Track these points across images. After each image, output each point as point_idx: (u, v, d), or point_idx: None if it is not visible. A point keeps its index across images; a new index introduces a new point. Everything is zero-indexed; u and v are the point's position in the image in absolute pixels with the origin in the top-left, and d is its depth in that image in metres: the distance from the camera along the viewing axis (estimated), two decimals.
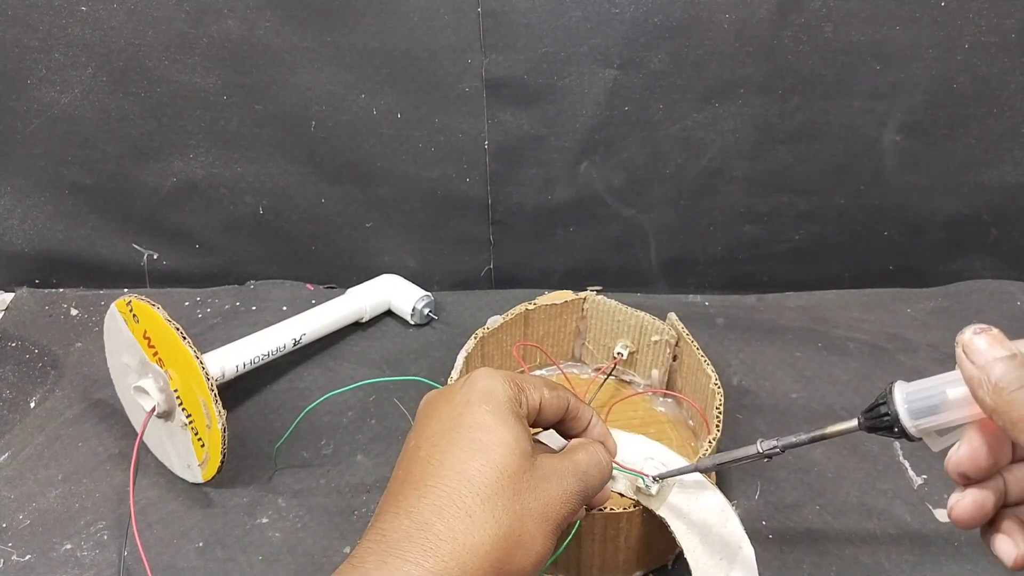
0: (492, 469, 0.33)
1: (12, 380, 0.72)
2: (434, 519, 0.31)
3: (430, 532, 0.31)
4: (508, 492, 0.32)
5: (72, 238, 0.82)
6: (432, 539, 0.31)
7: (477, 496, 0.32)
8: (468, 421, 0.35)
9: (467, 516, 0.31)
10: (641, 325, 0.67)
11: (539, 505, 0.33)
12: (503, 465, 0.33)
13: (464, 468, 0.33)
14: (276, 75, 0.73)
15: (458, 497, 0.32)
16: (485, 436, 0.34)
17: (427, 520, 0.31)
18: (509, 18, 0.69)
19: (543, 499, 0.33)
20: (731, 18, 0.69)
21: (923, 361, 0.73)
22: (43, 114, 0.75)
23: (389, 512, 0.32)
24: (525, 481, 0.33)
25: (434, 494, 0.32)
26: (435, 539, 0.31)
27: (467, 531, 0.31)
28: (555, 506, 0.33)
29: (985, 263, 0.85)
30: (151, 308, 0.57)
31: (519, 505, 0.32)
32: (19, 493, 0.60)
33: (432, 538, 0.31)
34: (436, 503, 0.32)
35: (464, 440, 0.34)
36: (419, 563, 0.30)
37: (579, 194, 0.79)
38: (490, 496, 0.32)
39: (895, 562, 0.56)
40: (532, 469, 0.34)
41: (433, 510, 0.32)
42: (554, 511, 0.33)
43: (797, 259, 0.84)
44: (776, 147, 0.77)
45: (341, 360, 0.74)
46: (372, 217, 0.82)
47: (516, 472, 0.33)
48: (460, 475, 0.32)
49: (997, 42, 0.71)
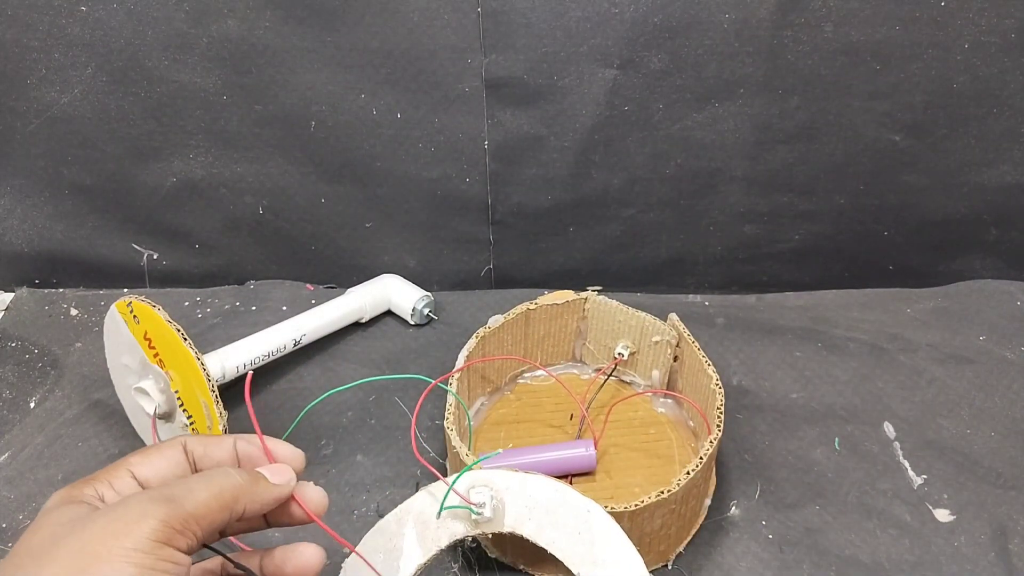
0: (10, 559, 0.30)
1: (12, 380, 0.72)
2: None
3: None
4: (30, 558, 0.29)
5: (72, 238, 0.82)
6: None
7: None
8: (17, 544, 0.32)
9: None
10: (642, 325, 0.67)
11: (75, 548, 0.29)
12: (24, 547, 0.30)
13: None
14: (276, 75, 0.73)
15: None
16: (23, 539, 0.31)
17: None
18: (509, 18, 0.69)
19: (82, 540, 0.29)
20: (731, 18, 0.69)
21: (923, 361, 0.73)
22: (43, 114, 0.75)
23: None
24: (56, 537, 0.30)
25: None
26: None
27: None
28: (103, 539, 0.29)
29: (985, 263, 0.85)
30: (152, 309, 0.57)
31: (46, 560, 0.29)
32: (19, 493, 0.60)
33: None
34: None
35: None
36: None
37: (579, 194, 0.79)
38: None
39: (895, 562, 0.56)
40: (70, 527, 0.30)
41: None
42: (103, 543, 0.29)
43: (797, 259, 0.84)
44: (776, 147, 0.77)
45: (341, 360, 0.74)
46: (372, 217, 0.82)
47: (42, 541, 0.30)
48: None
49: (997, 42, 0.71)
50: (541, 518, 0.45)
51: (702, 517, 0.59)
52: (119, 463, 0.35)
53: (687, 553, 0.57)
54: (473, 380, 0.67)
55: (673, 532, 0.55)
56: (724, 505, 0.60)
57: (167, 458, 0.36)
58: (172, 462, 0.36)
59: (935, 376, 0.72)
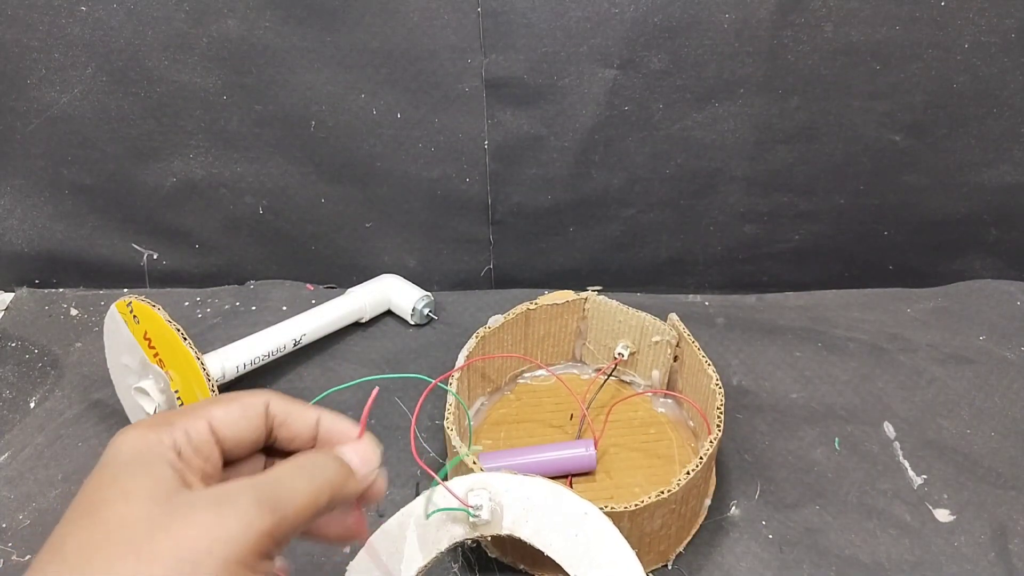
0: (100, 528, 0.27)
1: (12, 380, 0.72)
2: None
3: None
4: (128, 544, 0.27)
5: (72, 238, 0.82)
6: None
7: (78, 565, 0.26)
8: (85, 488, 0.29)
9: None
10: (642, 325, 0.67)
11: (176, 544, 0.27)
12: (114, 518, 0.27)
13: (64, 540, 0.27)
14: (276, 75, 0.73)
15: (59, 575, 0.27)
16: (96, 496, 0.28)
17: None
18: (509, 18, 0.69)
19: (184, 537, 0.27)
20: (731, 18, 0.69)
21: (923, 361, 0.73)
22: (43, 114, 0.75)
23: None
24: (156, 524, 0.27)
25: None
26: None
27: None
28: (206, 542, 0.27)
29: (985, 263, 0.85)
30: (151, 309, 0.57)
31: (147, 552, 0.26)
32: (19, 493, 0.60)
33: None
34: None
35: (74, 510, 0.28)
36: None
37: (579, 194, 0.79)
38: (94, 559, 0.26)
39: (895, 562, 0.56)
40: (170, 510, 0.28)
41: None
42: (205, 546, 0.27)
43: (797, 259, 0.84)
44: (776, 147, 0.77)
45: (341, 360, 0.74)
46: (372, 217, 0.82)
47: (138, 521, 0.27)
48: (63, 550, 0.27)
49: (997, 42, 0.71)
50: (538, 520, 0.45)
51: (702, 517, 0.59)
52: (198, 410, 0.32)
53: (687, 553, 0.57)
54: (473, 380, 0.67)
55: (673, 532, 0.55)
56: (724, 505, 0.60)
57: (248, 419, 0.33)
58: (251, 424, 0.33)
59: (935, 376, 0.72)
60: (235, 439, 0.32)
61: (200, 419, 0.31)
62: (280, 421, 0.34)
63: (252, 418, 0.33)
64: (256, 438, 0.33)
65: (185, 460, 0.30)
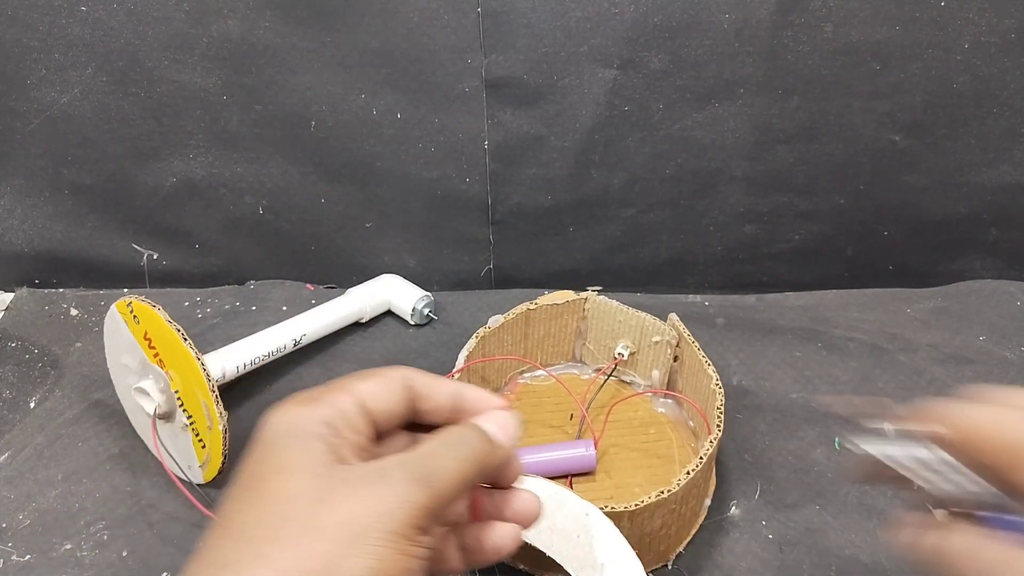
0: (265, 503, 0.28)
1: (12, 380, 0.72)
2: None
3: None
4: (292, 519, 0.28)
5: (72, 238, 0.82)
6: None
7: (249, 540, 0.28)
8: (245, 467, 0.30)
9: (258, 557, 0.27)
10: (642, 325, 0.67)
11: (339, 519, 0.28)
12: (278, 493, 0.29)
13: (233, 517, 0.29)
14: (276, 75, 0.73)
15: (235, 550, 0.28)
16: (255, 470, 0.30)
17: None
18: (509, 18, 0.69)
19: (346, 511, 0.28)
20: (731, 18, 0.69)
21: (923, 361, 0.73)
22: (43, 114, 0.75)
23: None
24: (317, 498, 0.28)
25: (216, 553, 0.28)
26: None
27: None
28: (367, 515, 0.28)
29: (985, 263, 0.85)
30: (152, 309, 0.57)
31: (312, 525, 0.28)
32: (19, 493, 0.60)
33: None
34: (220, 559, 0.28)
35: (238, 487, 0.30)
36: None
37: (579, 194, 0.79)
38: (264, 534, 0.28)
39: (895, 562, 0.56)
40: (329, 484, 0.29)
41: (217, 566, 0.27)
42: (366, 520, 0.28)
43: (797, 259, 0.84)
44: (776, 147, 0.77)
45: (341, 360, 0.74)
46: (372, 217, 0.82)
47: (299, 495, 0.28)
48: (231, 527, 0.28)
49: (997, 42, 0.71)
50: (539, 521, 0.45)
51: (702, 517, 0.59)
52: (343, 387, 0.32)
53: (687, 553, 0.57)
54: (473, 380, 0.67)
55: (673, 532, 0.55)
56: (724, 505, 0.60)
57: (391, 391, 0.33)
58: (395, 396, 0.33)
59: (935, 376, 0.72)
60: (381, 411, 0.33)
61: (347, 393, 0.32)
62: (420, 394, 0.34)
63: (395, 391, 0.33)
64: (400, 411, 0.33)
65: (336, 434, 0.31)
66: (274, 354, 0.69)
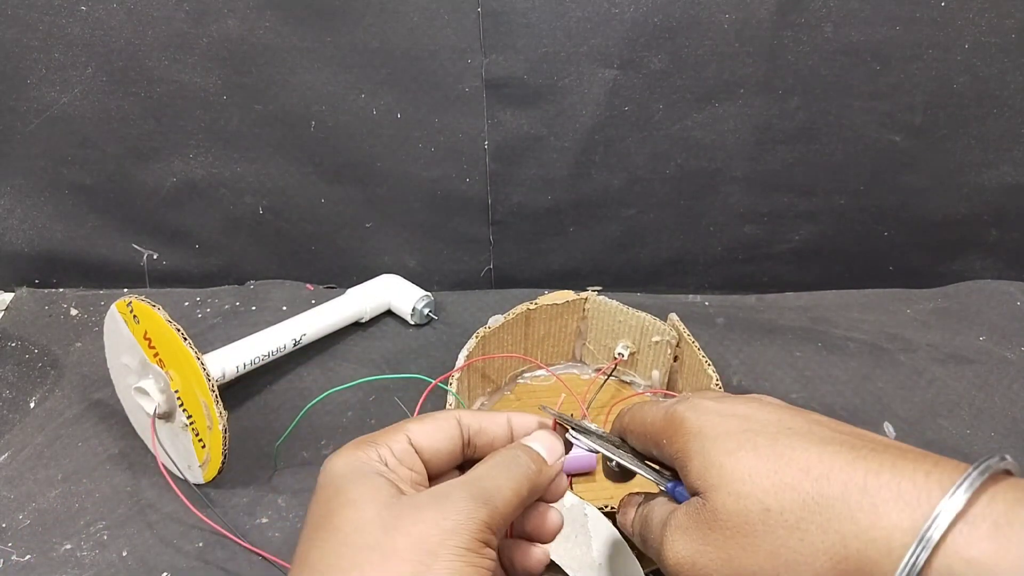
0: (341, 536, 0.30)
1: (12, 380, 0.72)
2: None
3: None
4: (368, 547, 0.30)
5: (72, 238, 0.82)
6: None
7: (332, 571, 0.30)
8: (313, 509, 0.33)
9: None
10: (642, 325, 0.67)
11: (412, 541, 0.30)
12: (351, 525, 0.31)
13: (310, 554, 0.31)
14: (276, 75, 0.73)
15: None
16: (324, 509, 0.32)
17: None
18: (509, 18, 0.69)
19: (417, 533, 0.30)
20: (731, 18, 0.69)
21: (923, 361, 0.73)
22: (43, 114, 0.75)
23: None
24: (388, 525, 0.30)
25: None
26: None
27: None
28: (437, 534, 0.30)
29: (985, 263, 0.85)
30: (152, 309, 0.57)
31: (389, 550, 0.30)
32: (19, 493, 0.60)
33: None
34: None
35: (309, 527, 0.32)
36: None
37: (579, 194, 0.79)
38: (346, 564, 0.30)
39: None
40: (396, 512, 0.31)
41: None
42: (437, 539, 0.30)
43: (797, 259, 0.84)
44: (776, 147, 0.77)
45: (341, 360, 0.74)
46: (372, 217, 0.82)
47: (370, 524, 0.30)
48: (311, 563, 0.31)
49: (997, 42, 0.71)
50: None
51: None
52: (398, 428, 0.35)
53: None
54: (473, 380, 0.67)
55: None
56: None
57: (443, 430, 0.36)
58: (447, 435, 0.36)
59: (935, 376, 0.72)
60: (433, 449, 0.35)
61: (399, 433, 0.35)
62: (475, 430, 0.37)
63: (446, 429, 0.36)
64: (452, 448, 0.36)
65: (393, 470, 0.33)
66: (274, 354, 0.69)
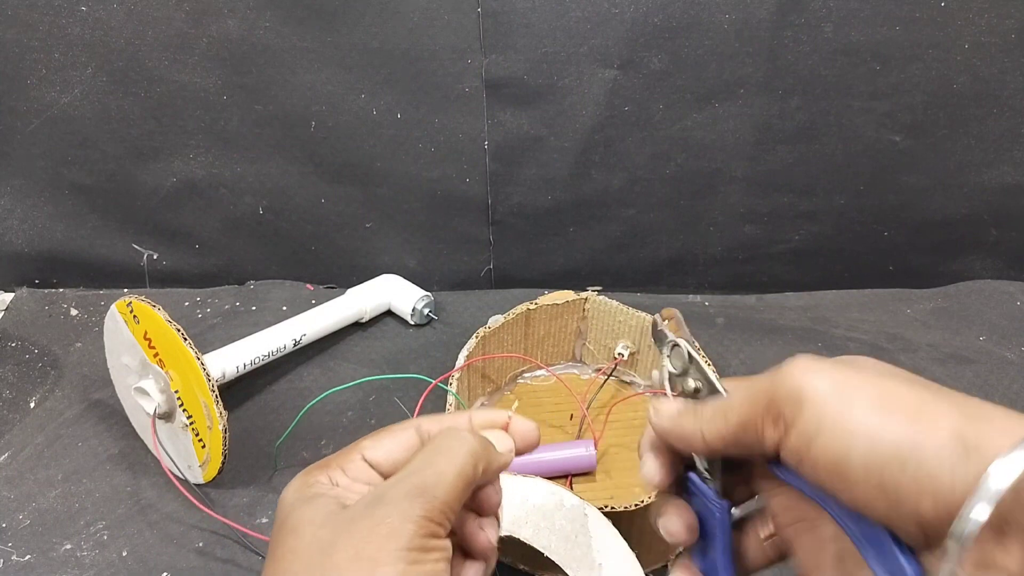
0: (284, 565, 0.31)
1: (12, 380, 0.72)
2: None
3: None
4: (308, 570, 0.30)
5: (72, 238, 0.82)
6: None
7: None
8: (270, 543, 0.33)
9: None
10: (642, 325, 0.67)
11: (350, 555, 0.30)
12: (292, 552, 0.31)
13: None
14: (276, 75, 0.73)
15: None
16: (273, 542, 0.32)
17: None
18: (509, 18, 0.69)
19: (354, 547, 0.30)
20: (731, 18, 0.69)
21: (923, 361, 0.73)
22: (43, 114, 0.75)
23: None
24: (325, 545, 0.30)
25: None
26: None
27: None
28: (374, 542, 0.30)
29: (985, 263, 0.85)
30: (152, 309, 0.57)
31: (329, 569, 0.30)
32: (19, 493, 0.60)
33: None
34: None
35: (266, 562, 0.32)
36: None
37: (579, 194, 0.79)
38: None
39: None
40: (332, 529, 0.31)
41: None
42: (375, 546, 0.30)
43: (797, 259, 0.84)
44: (776, 147, 0.77)
45: (341, 360, 0.74)
46: (372, 217, 0.82)
47: (307, 548, 0.30)
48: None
49: (997, 42, 0.71)
50: (538, 522, 0.45)
51: None
52: (351, 448, 0.35)
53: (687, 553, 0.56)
54: (473, 380, 0.67)
55: None
56: None
57: (399, 441, 0.35)
58: (404, 445, 0.35)
59: (935, 376, 0.71)
60: (391, 462, 0.34)
61: (352, 452, 0.34)
62: (436, 434, 0.36)
63: (403, 440, 0.35)
64: (408, 457, 0.35)
65: (346, 489, 0.33)
66: (274, 354, 0.69)
